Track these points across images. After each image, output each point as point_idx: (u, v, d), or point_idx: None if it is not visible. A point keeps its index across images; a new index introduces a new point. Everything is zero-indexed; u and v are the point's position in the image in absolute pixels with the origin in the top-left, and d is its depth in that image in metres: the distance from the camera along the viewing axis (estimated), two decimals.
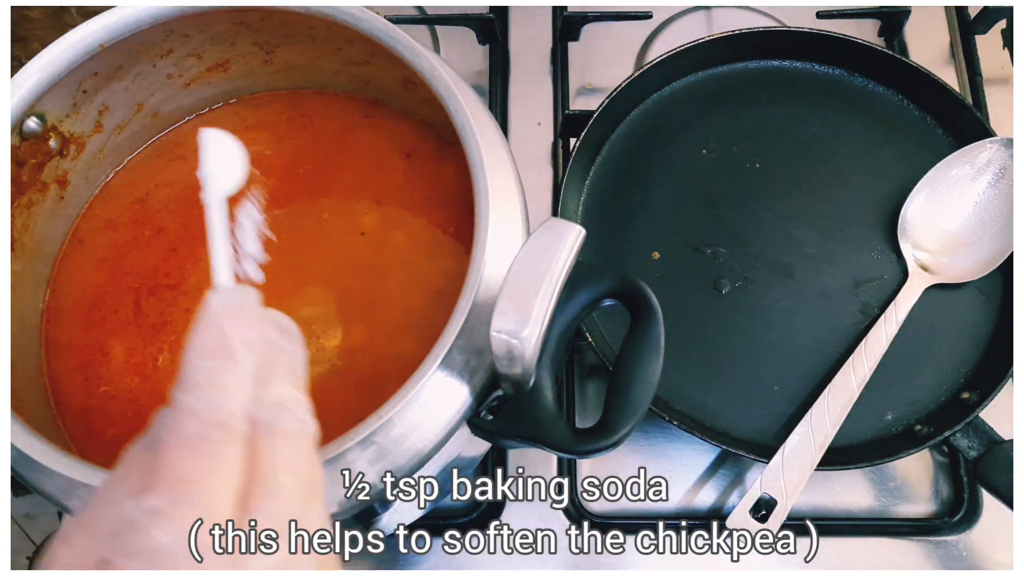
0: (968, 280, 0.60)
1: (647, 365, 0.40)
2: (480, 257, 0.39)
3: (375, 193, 0.52)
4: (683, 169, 0.64)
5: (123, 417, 0.47)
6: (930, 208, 0.61)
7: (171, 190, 0.53)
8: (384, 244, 0.50)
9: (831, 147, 0.65)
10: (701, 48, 0.65)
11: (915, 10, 0.72)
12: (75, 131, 0.50)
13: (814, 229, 0.62)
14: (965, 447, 0.54)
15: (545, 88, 0.72)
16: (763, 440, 0.57)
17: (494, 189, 0.41)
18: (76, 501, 0.38)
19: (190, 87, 0.54)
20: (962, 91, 0.71)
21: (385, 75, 0.51)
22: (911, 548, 0.58)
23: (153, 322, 0.49)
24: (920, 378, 0.58)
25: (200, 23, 0.48)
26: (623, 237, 0.62)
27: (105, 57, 0.46)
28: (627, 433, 0.39)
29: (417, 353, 0.39)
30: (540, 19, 0.75)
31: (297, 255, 0.50)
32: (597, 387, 0.63)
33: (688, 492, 0.60)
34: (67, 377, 0.48)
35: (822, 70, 0.67)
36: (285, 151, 0.54)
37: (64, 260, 0.52)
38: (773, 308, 0.60)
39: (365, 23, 0.45)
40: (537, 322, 0.35)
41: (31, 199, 0.49)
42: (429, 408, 0.38)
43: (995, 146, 0.60)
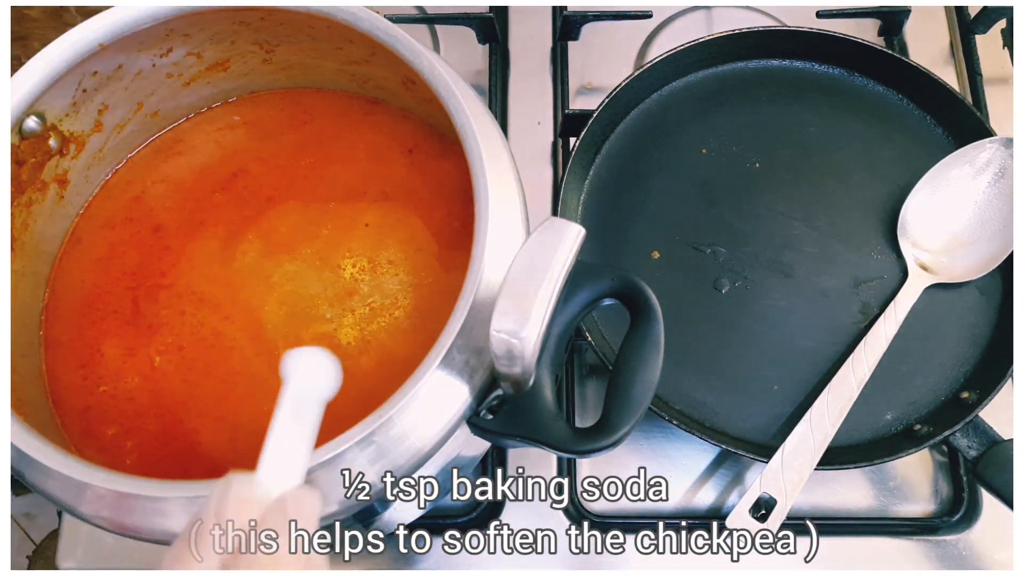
0: (968, 280, 0.60)
1: (647, 364, 0.40)
2: (480, 257, 0.39)
3: (376, 191, 0.52)
4: (683, 168, 0.64)
5: (122, 417, 0.47)
6: (930, 208, 0.61)
7: (167, 186, 0.53)
8: (384, 241, 0.50)
9: (831, 147, 0.64)
10: (701, 48, 0.65)
11: (915, 10, 0.72)
12: (75, 130, 0.50)
13: (814, 228, 0.62)
14: (965, 447, 0.54)
15: (545, 88, 0.72)
16: (763, 440, 0.57)
17: (494, 189, 0.41)
18: (76, 501, 0.38)
19: (190, 86, 0.54)
20: (962, 91, 0.71)
21: (385, 74, 0.51)
22: (911, 548, 0.58)
23: (150, 323, 0.49)
24: (920, 378, 0.58)
25: (200, 22, 0.48)
26: (623, 237, 0.62)
27: (105, 56, 0.46)
28: (627, 433, 0.39)
29: (417, 353, 0.39)
30: (540, 19, 0.74)
31: (297, 255, 0.50)
32: (597, 387, 0.63)
33: (688, 492, 0.60)
34: (66, 376, 0.48)
35: (822, 70, 0.67)
36: (285, 150, 0.54)
37: (63, 259, 0.52)
38: (773, 308, 0.60)
39: (365, 22, 0.45)
40: (537, 322, 0.35)
41: (31, 198, 0.49)
42: (429, 408, 0.38)
43: (995, 146, 0.60)
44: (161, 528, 0.38)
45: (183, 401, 0.47)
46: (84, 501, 0.38)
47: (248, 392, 0.47)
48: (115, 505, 0.38)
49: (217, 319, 0.49)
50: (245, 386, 0.47)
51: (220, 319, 0.49)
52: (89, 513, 0.39)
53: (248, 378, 0.47)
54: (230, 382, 0.47)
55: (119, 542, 0.57)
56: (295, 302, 0.49)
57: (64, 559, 0.57)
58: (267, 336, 0.48)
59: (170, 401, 0.47)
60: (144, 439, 0.47)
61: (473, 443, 0.45)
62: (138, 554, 0.57)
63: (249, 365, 0.48)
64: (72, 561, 0.57)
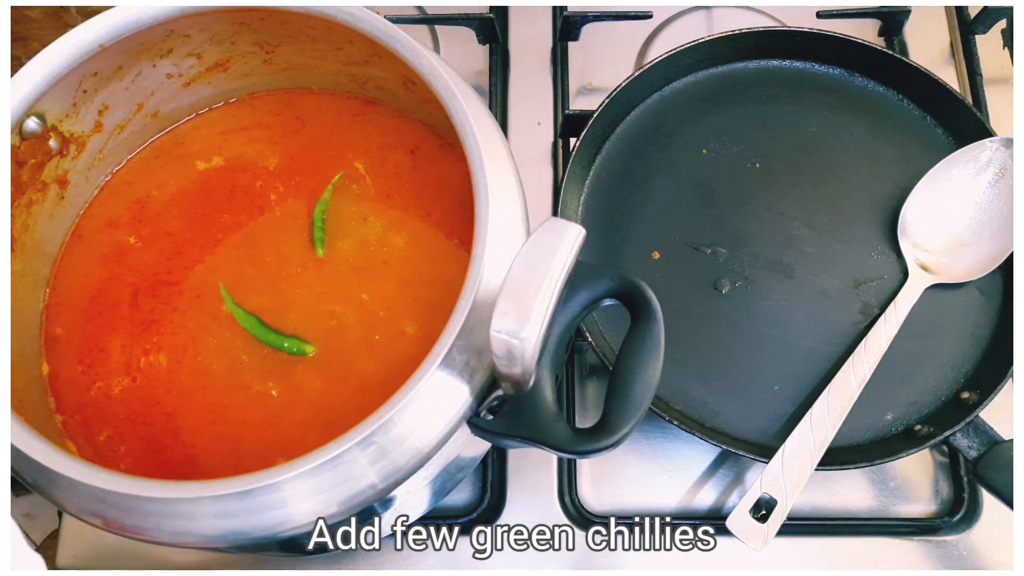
0: (968, 280, 0.60)
1: (647, 365, 0.40)
2: (480, 257, 0.39)
3: (377, 191, 0.52)
4: (683, 169, 0.64)
5: (116, 419, 0.47)
6: (930, 208, 0.61)
7: (172, 191, 0.53)
8: (385, 242, 0.50)
9: (831, 147, 0.64)
10: (701, 48, 0.65)
11: (915, 10, 0.72)
12: (75, 131, 0.50)
13: (814, 229, 0.62)
14: (965, 447, 0.54)
15: (545, 88, 0.72)
16: (763, 440, 0.57)
17: (494, 189, 0.41)
18: (75, 501, 0.38)
19: (190, 87, 0.54)
20: (962, 91, 0.71)
21: (385, 75, 0.51)
22: (911, 548, 0.58)
23: (143, 318, 0.49)
24: (920, 378, 0.58)
25: (200, 23, 0.48)
26: (623, 237, 0.62)
27: (105, 57, 0.46)
28: (627, 433, 0.39)
29: (417, 353, 0.39)
30: (540, 19, 0.75)
31: (298, 254, 0.50)
32: (597, 387, 0.63)
33: (688, 492, 0.60)
34: (66, 372, 0.48)
35: (822, 70, 0.67)
36: (286, 150, 0.54)
37: (64, 257, 0.52)
38: (773, 308, 0.60)
39: (365, 23, 0.45)
40: (537, 322, 0.35)
41: (31, 199, 0.49)
42: (429, 408, 0.38)
43: (995, 146, 0.60)
44: (160, 528, 0.38)
45: (182, 400, 0.47)
46: (83, 501, 0.38)
47: (245, 397, 0.47)
48: (114, 505, 0.38)
49: (217, 319, 0.49)
50: (243, 387, 0.47)
51: (220, 319, 0.49)
52: (88, 513, 0.39)
53: (247, 378, 0.47)
54: (229, 382, 0.47)
55: (119, 542, 0.57)
56: (295, 302, 0.49)
57: (64, 559, 0.57)
58: (266, 337, 0.48)
59: (170, 400, 0.47)
60: (143, 433, 0.47)
61: (473, 444, 0.45)
62: (138, 554, 0.57)
63: (248, 366, 0.48)
64: (72, 562, 0.57)
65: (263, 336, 0.47)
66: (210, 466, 0.46)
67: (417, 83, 0.45)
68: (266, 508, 0.37)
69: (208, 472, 0.45)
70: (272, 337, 0.47)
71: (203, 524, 0.37)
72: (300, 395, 0.47)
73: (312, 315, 0.49)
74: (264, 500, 0.37)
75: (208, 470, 0.45)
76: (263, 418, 0.46)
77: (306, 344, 0.47)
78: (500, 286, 0.35)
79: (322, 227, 0.50)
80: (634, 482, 0.60)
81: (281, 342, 0.47)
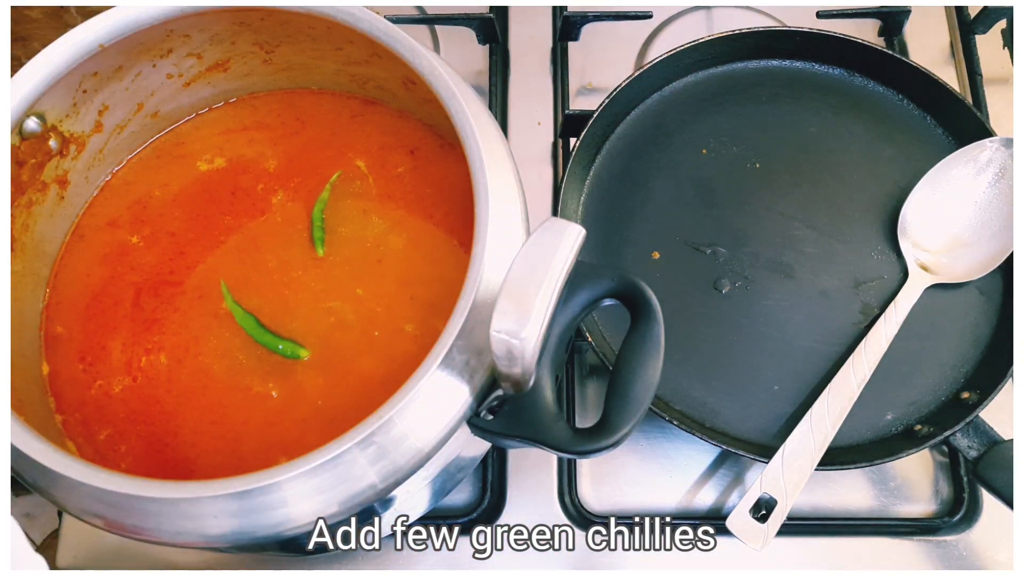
0: (968, 280, 0.60)
1: (647, 365, 0.40)
2: (480, 257, 0.39)
3: (377, 191, 0.52)
4: (683, 169, 0.64)
5: (116, 419, 0.47)
6: (930, 208, 0.61)
7: (174, 191, 0.53)
8: (384, 242, 0.50)
9: (831, 147, 0.64)
10: (701, 48, 0.65)
11: (915, 10, 0.72)
12: (75, 131, 0.50)
13: (814, 229, 0.62)
14: (965, 447, 0.54)
15: (545, 88, 0.72)
16: (763, 440, 0.57)
17: (494, 189, 0.41)
18: (76, 501, 0.38)
19: (190, 87, 0.54)
20: (962, 91, 0.71)
21: (385, 75, 0.51)
22: (911, 548, 0.58)
23: (145, 318, 0.49)
24: (920, 378, 0.58)
25: (200, 23, 0.48)
26: (623, 237, 0.62)
27: (105, 57, 0.46)
28: (627, 433, 0.39)
29: (417, 352, 0.39)
30: (540, 19, 0.75)
31: (298, 253, 0.50)
32: (597, 387, 0.63)
33: (688, 492, 0.60)
34: (66, 371, 0.48)
35: (822, 70, 0.67)
36: (286, 150, 0.54)
37: (65, 257, 0.52)
38: (773, 308, 0.60)
39: (365, 23, 0.45)
40: (537, 322, 0.35)
41: (31, 199, 0.49)
42: (429, 408, 0.38)
43: (995, 146, 0.60)
44: (160, 528, 0.38)
45: (183, 400, 0.47)
46: (84, 501, 0.38)
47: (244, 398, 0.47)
48: (114, 505, 0.38)
49: (219, 319, 0.49)
50: (244, 388, 0.47)
51: (222, 319, 0.49)
52: (88, 513, 0.39)
53: (248, 379, 0.47)
54: (229, 382, 0.48)
55: (119, 542, 0.57)
56: (295, 302, 0.49)
57: (64, 559, 0.57)
58: (262, 338, 0.48)
59: (171, 400, 0.47)
60: (143, 433, 0.47)
61: (473, 444, 0.45)
62: (138, 554, 0.57)
63: (248, 367, 0.48)
64: (72, 561, 0.57)
65: (259, 337, 0.47)
66: (210, 466, 0.46)
67: (417, 83, 0.45)
68: (266, 508, 0.37)
69: (208, 472, 0.45)
70: (268, 338, 0.47)
71: (203, 524, 0.37)
72: (300, 395, 0.47)
73: (311, 315, 0.49)
74: (264, 500, 0.37)
75: (208, 470, 0.45)
76: (263, 418, 0.46)
77: (300, 348, 0.47)
78: (500, 286, 0.35)
79: (321, 226, 0.50)
80: (634, 482, 0.60)
81: (276, 344, 0.47)
